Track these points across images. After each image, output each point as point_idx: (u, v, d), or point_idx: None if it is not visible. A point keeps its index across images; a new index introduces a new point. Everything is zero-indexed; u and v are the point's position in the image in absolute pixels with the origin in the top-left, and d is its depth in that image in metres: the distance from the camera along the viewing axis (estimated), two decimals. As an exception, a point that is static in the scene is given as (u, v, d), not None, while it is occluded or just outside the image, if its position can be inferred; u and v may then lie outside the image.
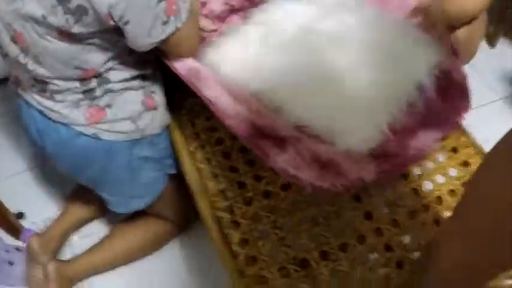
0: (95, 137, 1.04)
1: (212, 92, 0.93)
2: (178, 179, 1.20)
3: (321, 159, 0.84)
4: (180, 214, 1.34)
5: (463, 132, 1.09)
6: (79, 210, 1.41)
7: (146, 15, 0.86)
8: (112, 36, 0.92)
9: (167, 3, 0.86)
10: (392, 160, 0.92)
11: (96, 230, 1.44)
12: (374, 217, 0.96)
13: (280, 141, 0.86)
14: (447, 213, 0.96)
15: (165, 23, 0.88)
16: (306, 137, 0.88)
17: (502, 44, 2.03)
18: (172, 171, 1.22)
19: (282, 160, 0.84)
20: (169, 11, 0.87)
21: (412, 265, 0.88)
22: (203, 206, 0.99)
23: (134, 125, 1.07)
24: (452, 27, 0.95)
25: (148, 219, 1.32)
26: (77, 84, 0.98)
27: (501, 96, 1.90)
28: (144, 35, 0.89)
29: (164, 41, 0.91)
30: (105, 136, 1.05)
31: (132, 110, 1.05)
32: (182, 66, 0.98)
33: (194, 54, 1.00)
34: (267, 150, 0.85)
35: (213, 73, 0.98)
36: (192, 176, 1.05)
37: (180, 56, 0.98)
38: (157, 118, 1.11)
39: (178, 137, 1.13)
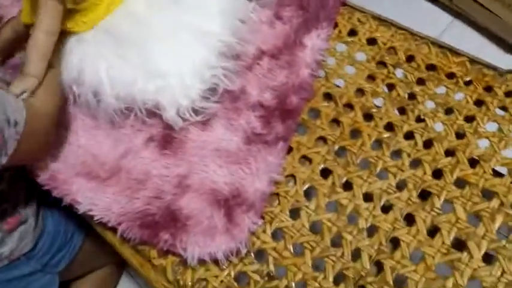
0: None
1: (81, 197, 0.74)
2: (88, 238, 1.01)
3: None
4: (110, 256, 1.14)
5: (355, 9, 0.93)
6: None
7: None
8: None
9: None
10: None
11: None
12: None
13: (173, 217, 0.72)
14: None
15: None
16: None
17: None
18: (60, 267, 0.97)
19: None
20: None
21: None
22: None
23: None
24: None
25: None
26: None
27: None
28: None
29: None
30: None
31: None
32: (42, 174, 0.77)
33: (44, 155, 0.77)
34: (171, 236, 0.72)
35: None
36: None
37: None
38: (29, 231, 0.86)
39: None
